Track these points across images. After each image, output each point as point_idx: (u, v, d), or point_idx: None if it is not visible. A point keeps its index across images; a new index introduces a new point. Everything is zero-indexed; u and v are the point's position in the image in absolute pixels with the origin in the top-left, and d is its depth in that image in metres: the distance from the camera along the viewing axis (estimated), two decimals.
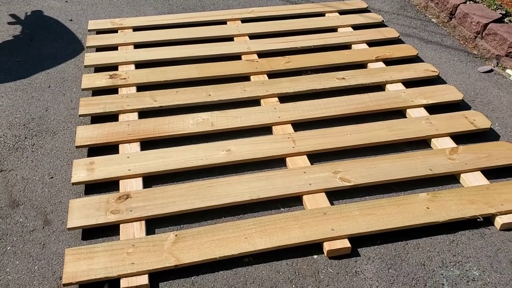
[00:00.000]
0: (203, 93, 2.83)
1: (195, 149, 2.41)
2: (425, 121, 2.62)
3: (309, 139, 2.49)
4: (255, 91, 2.85)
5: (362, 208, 2.11)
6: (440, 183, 2.34)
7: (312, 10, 3.86)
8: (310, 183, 2.23)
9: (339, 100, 2.79)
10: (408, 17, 3.94)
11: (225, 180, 2.24)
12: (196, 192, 2.17)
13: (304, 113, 2.68)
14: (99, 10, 3.95)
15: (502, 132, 2.70)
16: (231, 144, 2.46)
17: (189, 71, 3.05)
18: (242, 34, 3.48)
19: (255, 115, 2.66)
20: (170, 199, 2.13)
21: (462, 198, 2.17)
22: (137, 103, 2.73)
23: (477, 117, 2.66)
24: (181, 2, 4.09)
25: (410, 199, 2.16)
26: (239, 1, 4.12)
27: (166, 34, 3.45)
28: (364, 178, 2.27)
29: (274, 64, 3.12)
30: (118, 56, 3.19)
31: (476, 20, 3.53)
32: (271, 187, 2.20)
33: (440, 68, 3.24)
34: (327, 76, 3.01)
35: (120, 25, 3.57)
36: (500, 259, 1.99)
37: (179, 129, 2.55)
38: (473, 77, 3.18)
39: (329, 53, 3.26)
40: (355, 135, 2.52)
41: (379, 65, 3.16)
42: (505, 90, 3.05)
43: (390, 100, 2.79)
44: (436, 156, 2.40)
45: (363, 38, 3.44)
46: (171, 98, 2.78)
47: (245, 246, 1.93)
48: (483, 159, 2.38)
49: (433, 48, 3.50)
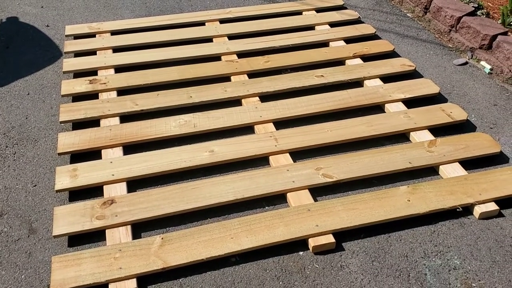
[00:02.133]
0: (184, 95, 2.84)
1: (178, 151, 2.43)
2: (404, 115, 2.68)
3: (291, 137, 2.52)
4: (236, 91, 2.87)
5: (345, 203, 2.15)
6: (420, 176, 2.39)
7: (289, 9, 3.89)
8: (293, 181, 2.26)
9: (319, 97, 2.83)
10: (383, 13, 3.99)
11: (209, 181, 2.26)
12: (181, 194, 2.18)
13: (285, 111, 2.72)
14: (75, 15, 3.92)
15: (479, 123, 2.77)
16: (214, 144, 2.47)
17: (169, 73, 3.05)
18: (221, 35, 3.50)
19: (237, 115, 2.68)
20: (155, 203, 2.14)
21: (441, 189, 2.22)
22: (118, 108, 2.73)
23: (454, 109, 2.73)
24: (158, 5, 4.09)
25: (391, 193, 2.21)
26: (216, 2, 4.13)
27: (144, 37, 3.45)
28: (346, 174, 2.31)
29: (253, 63, 3.15)
30: (97, 60, 3.18)
31: (450, 14, 3.60)
32: (255, 186, 2.23)
33: (417, 62, 3.30)
34: (306, 74, 3.05)
35: (97, 30, 3.55)
36: (479, 247, 2.04)
37: (161, 132, 2.56)
38: (449, 70, 3.25)
39: (307, 51, 3.30)
40: (335, 131, 2.56)
41: (356, 61, 3.20)
42: (480, 82, 3.13)
43: (369, 96, 2.84)
44: (415, 149, 2.45)
45: (340, 35, 3.49)
46: (152, 101, 2.79)
47: (231, 246, 1.96)
48: (460, 151, 2.44)
49: (409, 42, 3.56)
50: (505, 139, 2.65)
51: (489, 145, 2.48)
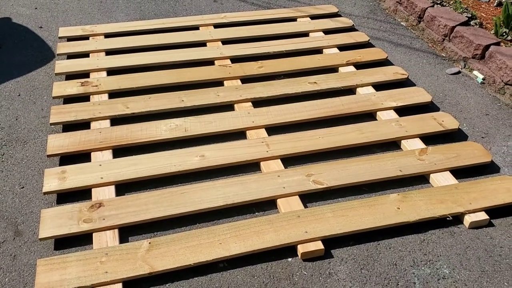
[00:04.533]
0: (176, 99, 2.83)
1: (168, 155, 2.41)
2: (395, 123, 2.67)
3: (283, 143, 2.52)
4: (228, 96, 2.87)
5: (335, 210, 2.14)
6: (410, 184, 2.38)
7: (283, 15, 3.90)
8: (284, 187, 2.25)
9: (311, 104, 2.83)
10: (378, 21, 4.01)
11: (199, 186, 2.24)
12: (170, 199, 2.16)
13: (278, 117, 2.71)
14: (69, 17, 3.91)
15: (470, 132, 2.77)
16: (205, 149, 2.46)
17: (162, 77, 3.04)
18: (215, 39, 3.49)
19: (229, 120, 2.67)
20: (143, 207, 2.12)
21: (431, 198, 2.22)
22: (109, 111, 2.71)
23: (446, 118, 2.73)
24: (153, 8, 4.08)
25: (381, 200, 2.20)
26: (211, 7, 4.13)
27: (138, 40, 3.44)
28: (337, 181, 2.30)
29: (247, 69, 3.14)
30: (90, 63, 3.16)
31: (443, 23, 3.62)
32: (245, 192, 2.21)
33: (410, 71, 3.31)
34: (299, 80, 3.04)
35: (91, 32, 3.54)
36: (469, 257, 2.04)
37: (152, 135, 2.55)
38: (441, 79, 3.26)
39: (301, 57, 3.30)
40: (327, 138, 2.56)
41: (349, 69, 3.21)
42: (472, 91, 3.14)
43: (361, 103, 2.84)
44: (405, 157, 2.45)
45: (334, 42, 3.49)
46: (143, 105, 2.77)
47: (219, 252, 1.94)
48: (451, 159, 2.44)
49: (403, 51, 3.57)
50: (496, 148, 2.65)
51: (480, 154, 2.49)
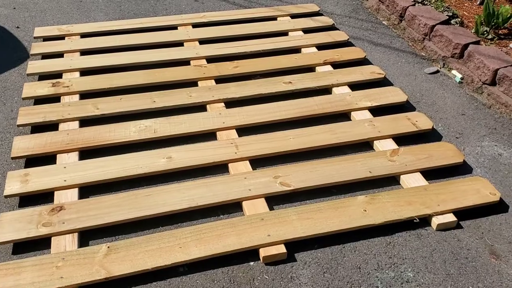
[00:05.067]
0: (147, 99, 2.79)
1: (135, 157, 2.37)
2: (368, 123, 2.64)
3: (252, 144, 2.48)
4: (201, 97, 2.83)
5: (300, 213, 2.10)
6: (380, 185, 2.35)
7: (264, 14, 3.86)
8: (250, 189, 2.21)
9: (285, 104, 2.79)
10: (359, 20, 3.97)
11: (164, 188, 2.21)
12: (133, 201, 2.12)
13: (249, 118, 2.67)
14: (47, 17, 3.87)
15: (445, 133, 2.73)
16: (173, 151, 2.42)
17: (136, 77, 3.00)
18: (192, 39, 3.45)
19: (199, 121, 2.63)
20: (105, 210, 2.08)
21: (399, 199, 2.18)
22: (79, 112, 2.67)
23: (420, 118, 2.69)
24: (132, 8, 4.04)
25: (348, 202, 2.16)
26: (192, 6, 4.09)
27: (114, 40, 3.40)
28: (304, 182, 2.26)
29: (222, 69, 3.10)
30: (63, 63, 3.12)
31: (423, 22, 3.58)
32: (210, 194, 2.18)
33: (388, 70, 3.27)
34: (274, 80, 3.01)
35: (67, 32, 3.50)
36: (434, 260, 2.00)
37: (120, 137, 2.51)
38: (419, 79, 3.22)
39: (278, 57, 3.26)
40: (298, 139, 2.52)
41: (327, 68, 3.17)
42: (449, 91, 3.10)
43: (335, 103, 2.80)
44: (376, 158, 2.41)
45: (312, 41, 3.46)
46: (114, 106, 2.73)
47: (179, 256, 1.90)
48: (423, 160, 2.41)
49: (382, 50, 3.54)
50: (470, 149, 2.62)
51: (453, 155, 2.45)
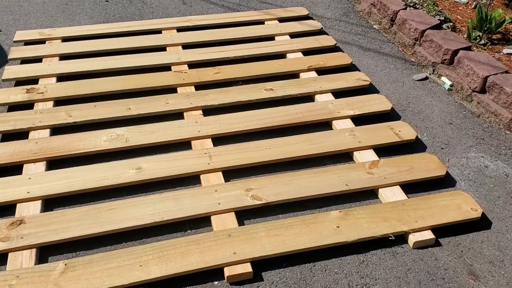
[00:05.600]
0: (123, 106, 2.71)
1: (103, 168, 2.29)
2: (349, 133, 2.54)
3: (226, 154, 2.39)
4: (178, 104, 2.74)
5: (269, 229, 2.01)
6: (357, 199, 2.25)
7: (251, 18, 3.76)
8: (220, 203, 2.12)
9: (264, 112, 2.69)
10: (350, 24, 3.87)
11: (130, 201, 2.12)
12: (96, 215, 2.04)
13: (226, 126, 2.58)
14: (31, 20, 3.79)
15: (430, 143, 2.63)
16: (143, 161, 2.33)
17: (113, 83, 2.92)
18: (175, 43, 3.37)
19: (174, 130, 2.55)
20: (66, 224, 2.00)
21: (375, 215, 2.08)
22: (50, 119, 2.59)
23: (403, 128, 2.59)
24: (118, 11, 3.97)
25: (321, 218, 2.07)
26: (179, 9, 4.01)
27: (95, 45, 3.32)
28: (277, 196, 2.17)
29: (203, 75, 3.01)
30: (40, 68, 3.05)
31: (414, 27, 3.48)
32: (178, 208, 2.09)
33: (375, 76, 3.17)
34: (255, 87, 2.91)
35: (48, 36, 3.43)
36: (409, 280, 1.90)
37: (90, 146, 2.42)
38: (407, 85, 3.12)
39: (261, 63, 3.16)
40: (274, 149, 2.43)
41: (311, 74, 3.07)
42: (438, 99, 2.99)
43: (316, 112, 2.70)
44: (354, 170, 2.31)
45: (299, 46, 3.36)
46: (87, 113, 2.65)
47: (138, 275, 1.81)
48: (403, 173, 2.30)
49: (371, 55, 3.43)
50: (455, 160, 2.51)
51: (435, 167, 2.35)
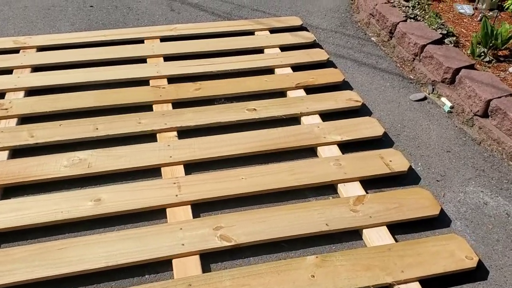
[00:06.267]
0: (90, 126, 2.49)
1: (58, 198, 2.07)
2: (334, 162, 2.30)
3: (198, 184, 2.17)
4: (151, 124, 2.52)
5: (236, 277, 1.78)
6: (340, 240, 2.02)
7: (241, 27, 3.53)
8: (184, 243, 1.90)
9: (244, 136, 2.47)
10: (346, 35, 3.63)
11: (83, 240, 1.90)
12: (44, 255, 1.83)
13: (201, 151, 2.36)
14: (9, 26, 3.59)
15: (425, 174, 2.39)
16: (104, 191, 2.12)
17: (85, 99, 2.71)
18: (157, 55, 3.15)
19: (143, 154, 2.33)
20: (10, 266, 1.79)
21: (356, 262, 1.85)
22: (10, 140, 2.39)
23: (395, 157, 2.35)
24: (102, 18, 3.75)
25: (295, 264, 1.84)
26: (166, 16, 3.79)
27: (71, 55, 3.11)
28: (248, 236, 1.94)
29: (182, 91, 2.79)
30: (7, 81, 2.84)
31: (414, 41, 3.23)
32: (135, 250, 1.87)
33: (368, 96, 2.93)
34: (237, 107, 2.69)
35: (23, 44, 3.22)
36: None
37: (49, 172, 2.21)
38: (403, 106, 2.88)
39: (245, 78, 2.94)
40: (251, 179, 2.20)
41: (298, 93, 2.84)
42: (436, 122, 2.75)
43: (300, 136, 2.47)
44: (337, 207, 2.08)
45: (288, 61, 3.13)
46: (51, 133, 2.44)
47: None
48: (391, 211, 2.07)
49: (366, 71, 3.19)
50: (451, 195, 2.27)
51: (428, 205, 2.11)
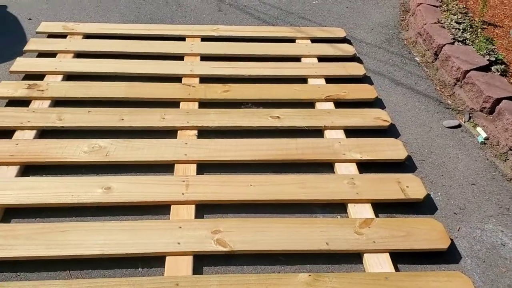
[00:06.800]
0: (116, 116, 2.56)
1: (70, 182, 2.14)
2: (348, 180, 2.24)
3: (205, 185, 2.18)
4: (174, 121, 2.56)
5: (224, 284, 1.77)
6: (338, 261, 1.96)
7: (283, 34, 3.52)
8: (180, 242, 1.91)
9: (262, 142, 2.46)
10: (389, 52, 3.53)
11: (85, 225, 1.96)
12: (46, 235, 1.89)
13: (216, 153, 2.37)
14: (63, 11, 3.76)
15: (442, 205, 2.28)
16: (115, 181, 2.17)
17: (116, 89, 2.79)
18: (194, 54, 3.19)
19: (160, 149, 2.36)
20: (12, 241, 1.86)
21: (349, 286, 1.79)
22: (39, 121, 2.49)
23: (413, 183, 2.26)
24: (150, 12, 3.85)
25: (286, 280, 1.80)
26: (212, 16, 3.84)
27: (113, 46, 3.21)
28: (245, 244, 1.93)
29: (210, 91, 2.82)
30: (49, 64, 2.97)
31: (457, 65, 3.10)
32: (131, 242, 1.90)
33: (400, 116, 2.84)
34: (261, 112, 2.68)
35: (71, 30, 3.36)
36: None
37: (68, 156, 2.29)
38: (434, 132, 2.76)
39: (276, 85, 2.92)
40: (259, 187, 2.18)
41: (327, 105, 2.79)
42: (466, 153, 2.62)
43: (319, 150, 2.43)
44: (341, 227, 2.02)
45: (323, 72, 3.08)
46: (78, 118, 2.53)
47: None
48: (397, 239, 1.99)
49: (402, 91, 3.09)
50: (467, 230, 2.16)
51: (437, 237, 2.01)
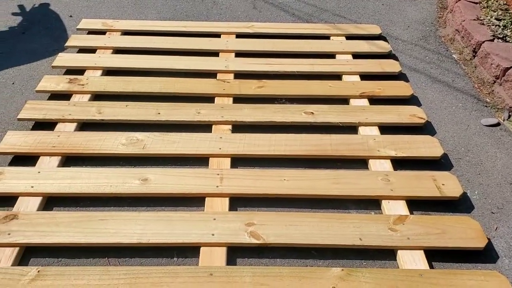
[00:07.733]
0: (153, 110, 2.62)
1: (109, 173, 2.21)
2: (382, 177, 2.23)
3: (239, 179, 2.20)
4: (209, 115, 2.60)
5: (257, 275, 1.79)
6: (372, 257, 1.96)
7: (318, 31, 3.52)
8: (214, 233, 1.94)
9: (295, 138, 2.47)
10: (426, 49, 3.48)
11: (123, 215, 2.02)
12: (86, 224, 1.96)
13: (249, 147, 2.39)
14: (103, 9, 3.86)
15: (479, 204, 2.24)
16: (153, 172, 2.22)
17: (153, 84, 2.85)
18: (229, 50, 3.23)
19: (195, 143, 2.41)
20: (54, 228, 1.94)
21: (382, 282, 1.79)
22: (80, 114, 2.58)
23: (449, 181, 2.23)
24: (186, 9, 3.91)
25: (319, 273, 1.81)
26: (247, 13, 3.87)
27: (149, 42, 3.28)
28: (278, 237, 1.94)
29: (245, 87, 2.85)
30: (89, 59, 3.06)
31: (496, 62, 3.03)
32: (167, 232, 1.94)
33: (436, 114, 2.80)
34: (295, 108, 2.69)
35: (110, 27, 3.45)
36: None
37: (106, 148, 2.36)
38: (472, 130, 2.71)
39: (310, 82, 2.92)
40: (292, 182, 2.20)
41: (362, 102, 2.78)
42: (505, 151, 2.56)
43: (353, 147, 2.42)
44: (375, 223, 2.01)
45: (358, 69, 3.07)
46: (117, 112, 2.60)
47: None
48: (432, 236, 1.97)
49: (439, 89, 3.05)
50: (504, 230, 2.12)
51: (473, 236, 1.98)
